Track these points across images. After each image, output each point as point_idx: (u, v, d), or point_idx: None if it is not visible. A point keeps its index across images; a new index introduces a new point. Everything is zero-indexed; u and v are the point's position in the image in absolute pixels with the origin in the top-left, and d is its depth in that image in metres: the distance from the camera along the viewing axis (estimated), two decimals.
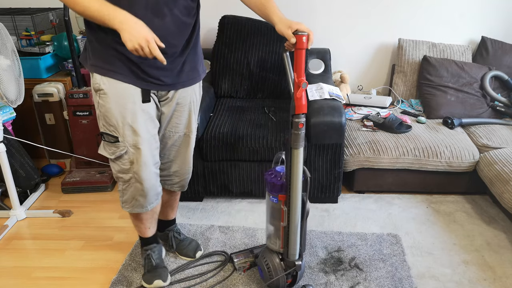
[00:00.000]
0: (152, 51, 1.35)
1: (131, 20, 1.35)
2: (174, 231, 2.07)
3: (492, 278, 1.90)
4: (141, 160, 1.60)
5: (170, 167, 1.83)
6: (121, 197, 1.73)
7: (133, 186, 1.65)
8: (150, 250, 1.91)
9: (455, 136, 2.50)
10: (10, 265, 2.03)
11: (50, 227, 2.31)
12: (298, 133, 1.52)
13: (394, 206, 2.45)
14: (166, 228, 2.08)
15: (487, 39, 2.88)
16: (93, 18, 1.38)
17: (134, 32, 1.33)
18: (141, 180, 1.63)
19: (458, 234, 2.20)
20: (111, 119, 1.55)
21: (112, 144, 1.59)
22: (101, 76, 1.52)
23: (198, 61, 1.71)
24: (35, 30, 2.74)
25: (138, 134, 1.57)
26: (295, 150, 1.54)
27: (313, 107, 2.33)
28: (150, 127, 1.61)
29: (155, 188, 1.71)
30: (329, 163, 2.35)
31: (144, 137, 1.58)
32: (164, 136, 1.74)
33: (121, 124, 1.55)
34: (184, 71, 1.63)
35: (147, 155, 1.61)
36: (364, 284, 1.87)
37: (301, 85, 1.47)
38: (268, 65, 2.71)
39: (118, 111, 1.54)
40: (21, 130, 2.71)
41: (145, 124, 1.58)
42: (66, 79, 2.77)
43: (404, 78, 2.96)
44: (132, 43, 1.33)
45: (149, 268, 1.87)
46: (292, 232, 1.64)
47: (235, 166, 2.36)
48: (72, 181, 2.62)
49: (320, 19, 2.96)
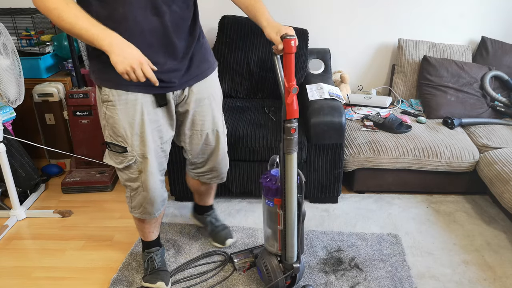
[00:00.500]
0: (146, 73, 1.33)
1: (122, 42, 1.31)
2: (212, 216, 2.15)
3: (492, 278, 1.90)
4: (148, 170, 1.60)
5: (205, 164, 1.83)
6: (129, 203, 1.73)
7: (140, 194, 1.66)
8: (153, 253, 1.91)
9: (455, 136, 2.50)
10: (10, 265, 2.03)
11: (50, 227, 2.31)
12: (291, 138, 1.50)
13: (394, 206, 2.45)
14: (205, 213, 2.16)
15: (487, 39, 2.88)
16: (81, 36, 1.31)
17: (125, 54, 1.29)
18: (148, 189, 1.64)
19: (458, 234, 2.20)
20: (119, 129, 1.53)
21: (120, 154, 1.58)
22: (110, 89, 1.50)
23: (207, 51, 1.68)
24: (35, 30, 2.74)
25: (146, 144, 1.56)
26: (288, 156, 1.52)
27: (313, 107, 2.34)
28: (157, 137, 1.60)
29: (161, 195, 1.72)
30: (329, 163, 2.35)
31: (151, 147, 1.58)
32: (192, 137, 1.73)
33: (129, 134, 1.53)
34: (194, 65, 1.60)
35: (154, 165, 1.61)
36: (364, 284, 1.87)
37: (291, 90, 1.43)
38: (268, 65, 2.71)
39: (127, 121, 1.52)
40: (21, 130, 2.71)
41: (151, 134, 1.57)
42: (66, 79, 2.77)
43: (404, 78, 2.96)
44: (123, 65, 1.29)
45: (151, 270, 1.87)
46: (289, 235, 1.64)
47: (235, 166, 2.36)
48: (72, 181, 2.62)
49: (320, 19, 2.96)
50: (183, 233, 2.21)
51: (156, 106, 1.55)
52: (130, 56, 1.30)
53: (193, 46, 1.58)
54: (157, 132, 1.59)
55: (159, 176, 1.67)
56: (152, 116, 1.55)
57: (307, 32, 2.71)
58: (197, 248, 2.10)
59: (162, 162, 1.67)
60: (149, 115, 1.54)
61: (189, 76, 1.60)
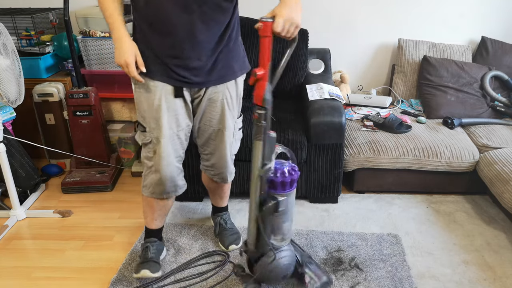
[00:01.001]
0: (129, 74, 1.58)
1: (121, 40, 1.55)
2: (221, 218, 2.16)
3: (492, 278, 1.90)
4: (161, 152, 1.70)
5: (210, 159, 1.90)
6: (143, 181, 1.83)
7: (152, 174, 1.76)
8: (150, 243, 1.95)
9: (455, 136, 2.50)
10: (10, 265, 2.03)
11: (50, 227, 2.31)
12: (256, 125, 1.49)
13: (394, 206, 2.45)
14: (216, 213, 2.19)
15: (487, 39, 2.88)
16: (106, 21, 1.58)
17: (120, 52, 1.56)
18: (159, 171, 1.73)
19: (458, 234, 2.20)
20: (141, 111, 1.71)
21: (142, 132, 1.75)
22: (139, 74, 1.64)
23: (234, 58, 1.73)
24: (35, 30, 2.74)
25: (161, 128, 1.67)
26: (256, 142, 1.51)
27: (313, 107, 2.33)
28: (174, 124, 1.70)
29: (172, 180, 1.78)
30: (329, 163, 2.35)
31: (165, 133, 1.68)
32: (200, 129, 1.83)
33: (148, 116, 1.69)
34: (216, 69, 1.67)
35: (167, 149, 1.70)
36: (364, 284, 1.87)
37: (252, 74, 1.44)
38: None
39: (147, 104, 1.67)
40: (21, 130, 2.71)
41: (168, 120, 1.67)
42: (66, 79, 2.77)
43: (404, 78, 2.96)
44: (118, 59, 1.57)
45: (142, 259, 1.91)
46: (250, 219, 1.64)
47: (235, 166, 2.35)
48: (72, 181, 2.62)
49: (320, 19, 2.96)
50: (183, 233, 2.21)
51: (174, 96, 1.67)
52: (121, 55, 1.55)
53: (220, 50, 1.64)
54: (175, 119, 1.70)
55: (175, 162, 1.76)
56: (171, 105, 1.67)
57: (307, 32, 2.71)
58: (197, 248, 2.10)
59: (177, 149, 1.75)
60: (167, 103, 1.66)
61: (208, 78, 1.68)
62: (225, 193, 2.13)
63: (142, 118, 1.72)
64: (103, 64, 2.71)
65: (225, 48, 1.66)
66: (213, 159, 1.89)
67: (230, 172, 1.95)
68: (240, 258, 2.02)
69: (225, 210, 2.20)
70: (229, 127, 1.81)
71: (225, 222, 2.15)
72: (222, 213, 2.18)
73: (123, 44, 1.55)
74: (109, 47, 2.66)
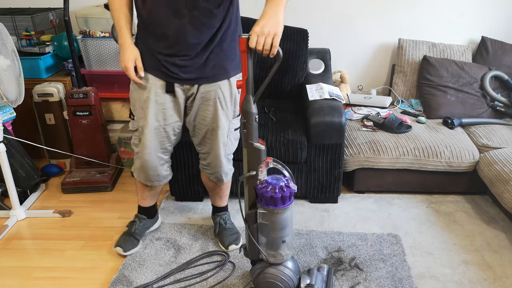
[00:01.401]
0: (129, 77, 1.72)
1: (124, 46, 1.70)
2: (221, 218, 2.17)
3: (492, 278, 1.90)
4: (144, 141, 1.80)
5: (206, 158, 1.94)
6: (134, 165, 1.94)
7: (138, 159, 1.88)
8: (138, 219, 2.12)
9: (455, 136, 2.50)
10: (10, 265, 2.03)
11: (50, 227, 2.31)
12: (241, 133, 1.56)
13: (394, 206, 2.45)
14: (215, 213, 2.20)
15: (487, 39, 2.88)
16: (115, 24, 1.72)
17: (122, 57, 1.70)
18: (142, 158, 1.86)
19: (458, 234, 2.20)
20: (132, 100, 1.81)
21: (132, 120, 1.86)
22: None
23: (227, 58, 1.74)
24: (35, 30, 2.74)
25: (146, 119, 1.76)
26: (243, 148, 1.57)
27: (313, 107, 2.34)
28: (161, 117, 1.77)
29: (154, 170, 1.89)
30: (329, 163, 2.35)
31: (151, 124, 1.77)
32: (196, 128, 1.88)
33: (137, 106, 1.79)
34: (207, 67, 1.71)
35: (150, 140, 1.80)
36: (364, 284, 1.87)
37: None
38: (268, 65, 2.71)
39: (137, 94, 1.77)
40: (21, 130, 2.71)
41: (155, 113, 1.76)
42: (66, 79, 2.77)
43: (404, 78, 2.96)
44: (121, 63, 1.71)
45: (125, 232, 2.09)
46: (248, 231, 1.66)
47: (235, 166, 2.34)
48: (72, 181, 2.62)
49: (320, 19, 2.96)
50: (183, 233, 2.21)
51: (166, 91, 1.74)
52: (123, 60, 1.70)
53: (211, 50, 1.68)
54: (162, 113, 1.77)
55: (158, 152, 1.86)
56: (159, 98, 1.75)
57: (307, 32, 2.71)
58: (197, 248, 2.10)
59: (162, 142, 1.84)
60: (156, 96, 1.74)
61: (200, 75, 1.72)
62: (224, 192, 2.13)
63: (133, 107, 1.82)
64: (103, 64, 2.71)
65: (217, 48, 1.69)
66: (209, 159, 1.92)
67: (225, 172, 1.96)
68: (240, 257, 2.02)
69: (225, 210, 2.20)
70: (222, 127, 1.82)
71: (225, 222, 2.16)
72: (222, 213, 2.18)
73: (125, 50, 1.69)
74: (109, 47, 2.66)
